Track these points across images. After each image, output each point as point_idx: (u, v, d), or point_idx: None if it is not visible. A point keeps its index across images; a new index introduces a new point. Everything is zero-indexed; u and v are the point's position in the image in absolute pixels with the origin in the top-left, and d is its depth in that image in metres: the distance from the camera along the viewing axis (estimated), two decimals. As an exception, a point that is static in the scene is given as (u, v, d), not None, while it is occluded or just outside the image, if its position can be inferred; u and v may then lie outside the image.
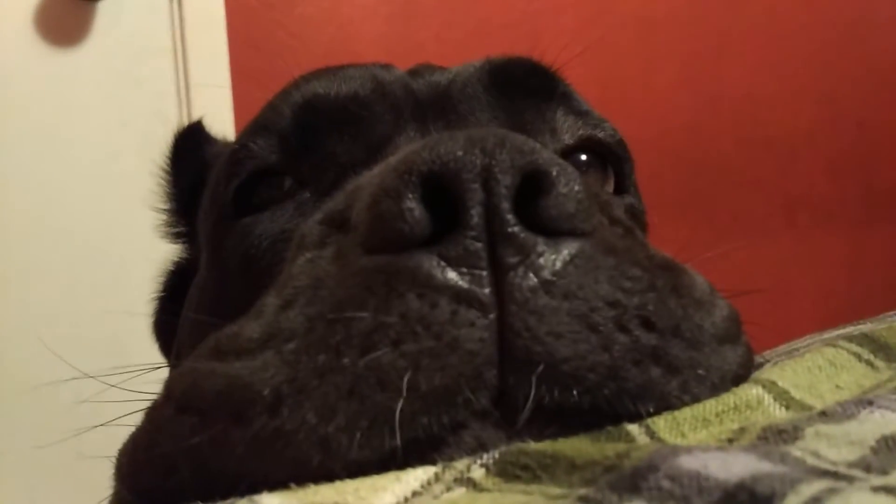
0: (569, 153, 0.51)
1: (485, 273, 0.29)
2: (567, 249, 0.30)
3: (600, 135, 0.53)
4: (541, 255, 0.29)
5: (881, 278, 1.52)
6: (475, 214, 0.29)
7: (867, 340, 0.36)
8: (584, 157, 0.52)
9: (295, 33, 1.35)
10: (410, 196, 0.29)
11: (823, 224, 1.55)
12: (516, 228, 0.29)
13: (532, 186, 0.30)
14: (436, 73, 0.54)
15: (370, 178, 0.33)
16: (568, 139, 0.51)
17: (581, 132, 0.52)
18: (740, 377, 0.33)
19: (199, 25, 1.32)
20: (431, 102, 0.50)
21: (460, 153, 0.29)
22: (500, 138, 0.29)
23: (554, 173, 0.30)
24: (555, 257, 0.29)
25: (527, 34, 1.45)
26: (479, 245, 0.29)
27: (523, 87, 0.51)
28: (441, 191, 0.29)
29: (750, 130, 1.54)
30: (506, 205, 0.29)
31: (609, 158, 0.54)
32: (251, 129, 0.52)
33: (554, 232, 0.30)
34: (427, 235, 0.29)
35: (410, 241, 0.29)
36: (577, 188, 0.30)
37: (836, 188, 1.57)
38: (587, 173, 0.52)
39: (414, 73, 0.54)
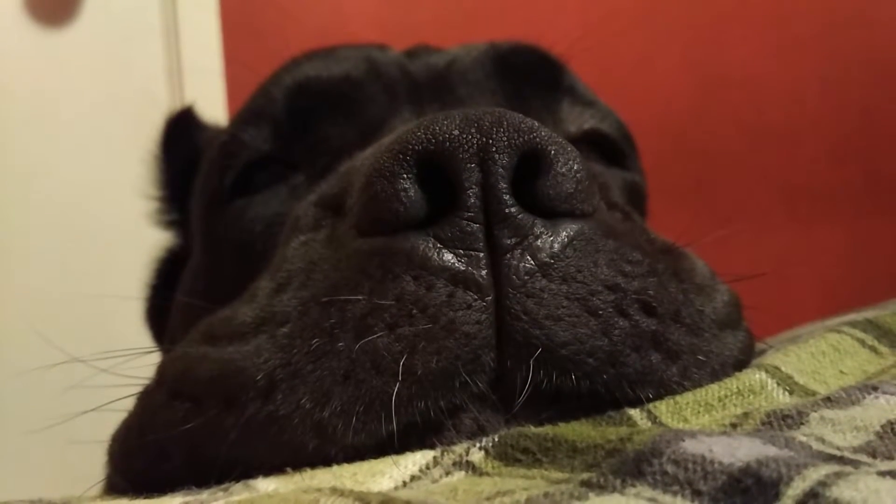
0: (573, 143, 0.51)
1: (482, 255, 0.28)
2: (565, 231, 0.29)
3: (605, 128, 0.52)
4: (538, 236, 0.28)
5: (883, 267, 1.52)
6: (472, 195, 0.28)
7: (871, 326, 0.35)
8: (587, 147, 0.51)
9: (289, 13, 1.33)
10: (405, 176, 0.28)
11: (825, 212, 1.54)
12: (514, 209, 0.28)
13: (531, 166, 0.29)
14: (433, 54, 0.53)
15: (363, 159, 0.33)
16: (573, 130, 0.50)
17: (586, 125, 0.51)
18: (741, 362, 0.33)
19: (190, 5, 1.30)
20: (428, 84, 0.49)
21: (456, 132, 0.28)
22: (498, 117, 0.29)
23: (552, 152, 0.29)
24: (553, 239, 0.29)
25: (526, 16, 1.44)
26: (475, 226, 0.28)
27: (529, 76, 0.50)
28: (436, 171, 0.28)
29: (752, 116, 1.53)
30: (503, 185, 0.28)
31: (613, 150, 0.53)
32: (242, 117, 0.51)
33: (552, 213, 0.29)
34: (422, 217, 0.28)
35: (405, 223, 0.28)
36: (576, 167, 0.29)
37: (838, 176, 1.56)
38: (589, 159, 0.51)
39: (410, 54, 0.53)
